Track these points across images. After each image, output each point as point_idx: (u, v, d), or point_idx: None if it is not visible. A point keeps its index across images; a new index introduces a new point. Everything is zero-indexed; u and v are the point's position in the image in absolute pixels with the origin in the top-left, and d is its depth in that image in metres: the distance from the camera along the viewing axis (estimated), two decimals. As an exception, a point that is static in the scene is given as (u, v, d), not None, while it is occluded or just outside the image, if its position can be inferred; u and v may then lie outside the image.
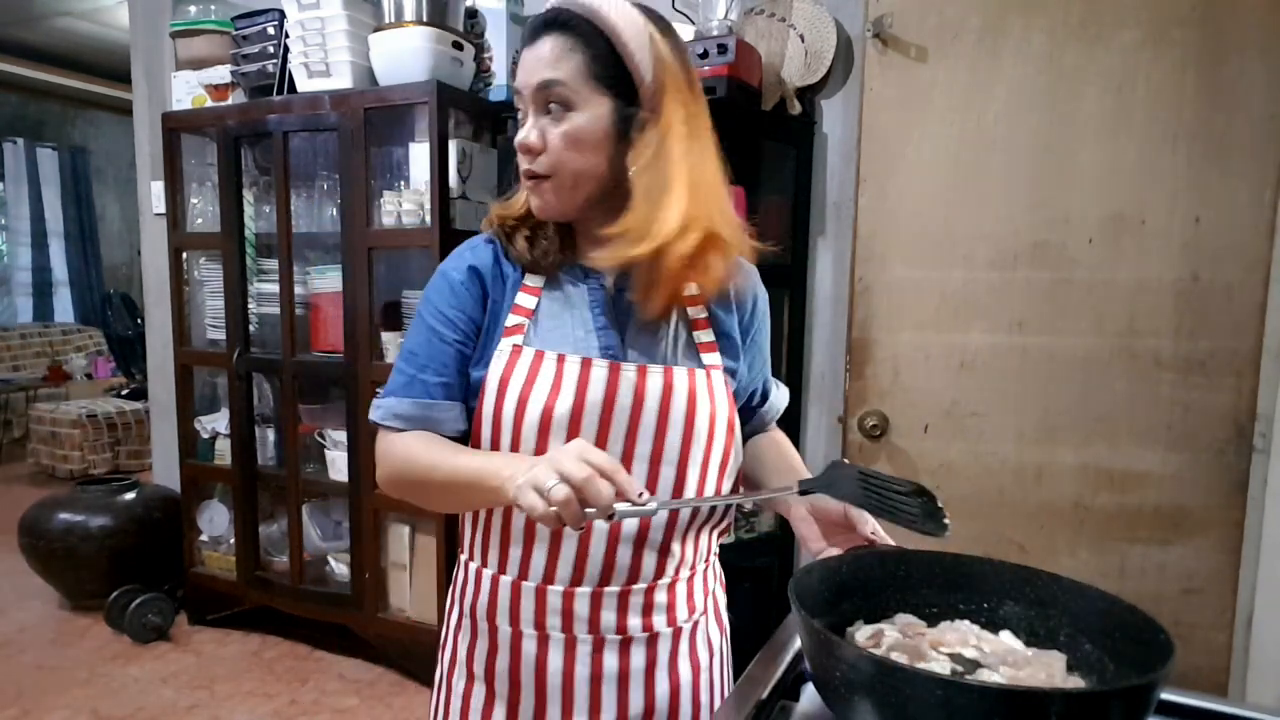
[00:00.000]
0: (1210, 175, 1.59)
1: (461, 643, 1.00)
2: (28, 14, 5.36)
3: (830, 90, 2.27)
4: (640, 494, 0.74)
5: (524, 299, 0.93)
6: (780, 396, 1.11)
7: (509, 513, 0.92)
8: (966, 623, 0.78)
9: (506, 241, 0.94)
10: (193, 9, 2.87)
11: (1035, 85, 1.67)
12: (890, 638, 0.74)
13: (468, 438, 0.94)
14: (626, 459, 0.90)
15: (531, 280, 0.94)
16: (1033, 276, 1.70)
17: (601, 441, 0.89)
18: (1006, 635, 0.77)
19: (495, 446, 0.91)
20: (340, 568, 2.74)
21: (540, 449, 0.88)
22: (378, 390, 2.81)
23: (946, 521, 0.78)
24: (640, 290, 0.89)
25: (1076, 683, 0.70)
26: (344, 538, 2.70)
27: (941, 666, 0.69)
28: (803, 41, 2.20)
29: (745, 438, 1.08)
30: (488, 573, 0.96)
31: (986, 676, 0.69)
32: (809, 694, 0.79)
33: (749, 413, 1.08)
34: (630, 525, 0.90)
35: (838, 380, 2.26)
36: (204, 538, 3.00)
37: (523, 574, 0.93)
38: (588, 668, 0.93)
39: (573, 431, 0.88)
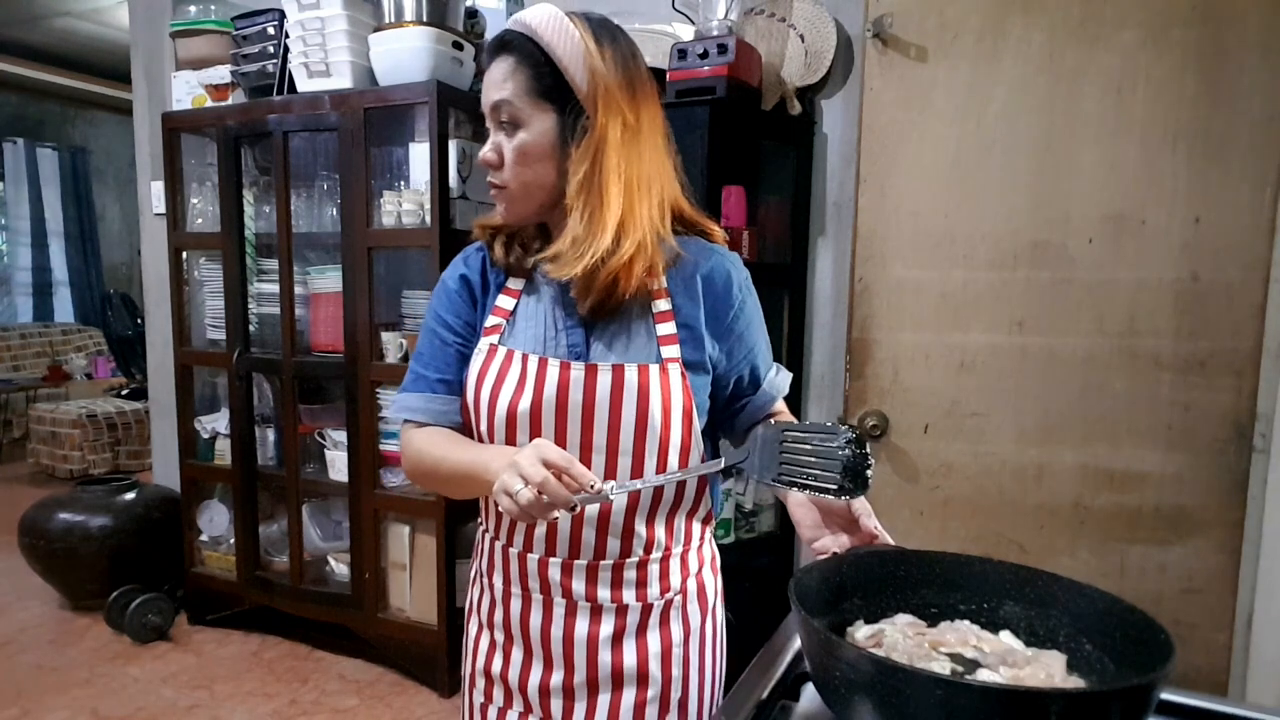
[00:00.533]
0: (1210, 175, 1.59)
1: (474, 595, 1.11)
2: (28, 14, 5.36)
3: (830, 90, 2.27)
4: (593, 484, 0.82)
5: (504, 301, 1.03)
6: (776, 382, 1.09)
7: None
8: (966, 623, 0.78)
9: (489, 248, 1.04)
10: (193, 9, 2.88)
11: (1035, 85, 1.67)
12: (890, 638, 0.74)
13: None
14: (585, 450, 0.97)
15: (512, 283, 1.03)
16: (1033, 276, 1.70)
17: (560, 434, 0.96)
18: (1006, 635, 0.77)
19: (479, 437, 1.01)
20: (340, 568, 2.74)
21: (509, 439, 0.98)
22: (377, 390, 2.79)
23: (870, 475, 0.78)
24: (577, 294, 0.96)
25: (1076, 683, 0.70)
26: (344, 538, 2.70)
27: (941, 666, 0.69)
28: (803, 41, 2.20)
29: (744, 426, 1.09)
30: (488, 536, 1.07)
31: (986, 676, 0.69)
32: (809, 694, 0.79)
33: (739, 400, 1.08)
34: (591, 510, 0.98)
35: (838, 380, 2.26)
36: (204, 538, 3.00)
37: (509, 541, 1.04)
38: (561, 629, 1.02)
39: (534, 426, 0.96)
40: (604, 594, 1.00)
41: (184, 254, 2.92)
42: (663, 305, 0.99)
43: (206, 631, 2.96)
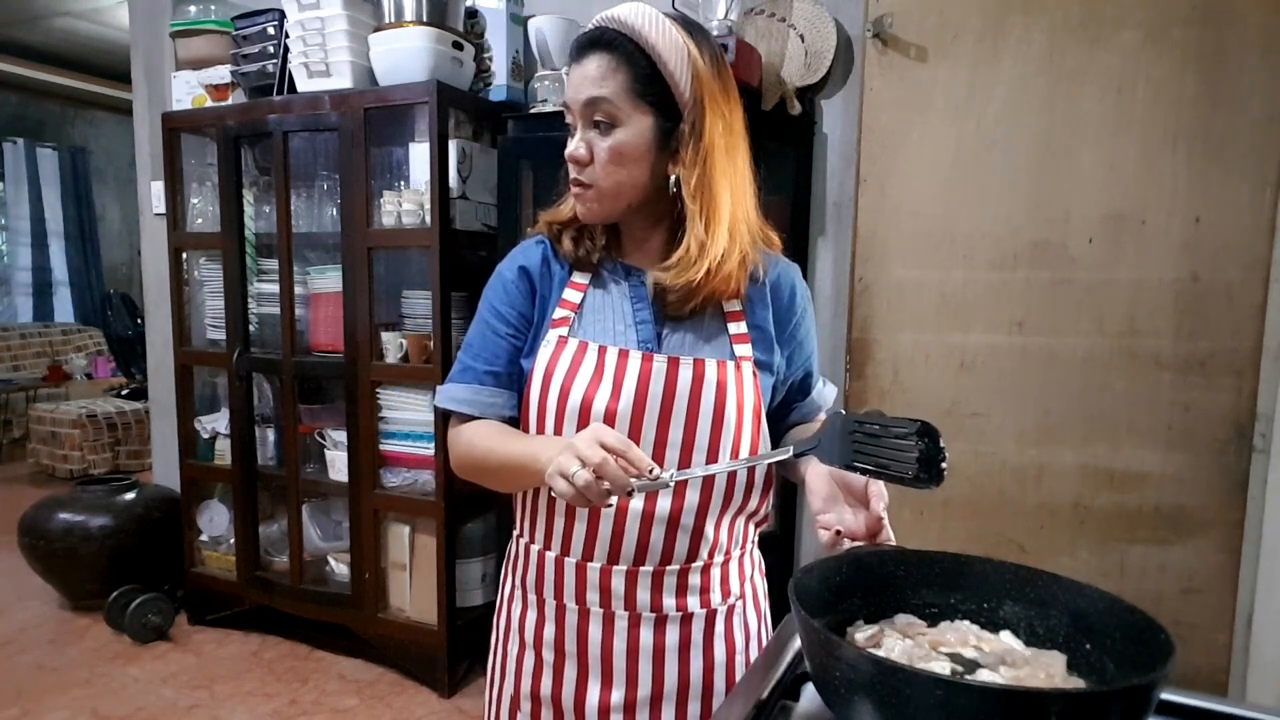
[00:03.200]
0: (1210, 175, 1.59)
1: (515, 611, 1.06)
2: (28, 14, 5.36)
3: (830, 90, 2.27)
4: (651, 470, 0.79)
5: (570, 294, 1.00)
6: (824, 393, 1.12)
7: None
8: (966, 623, 0.78)
9: (555, 242, 1.02)
10: (193, 9, 2.87)
11: (1035, 85, 1.67)
12: (890, 638, 0.74)
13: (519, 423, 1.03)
14: (660, 447, 0.94)
15: (578, 277, 1.01)
16: (1033, 276, 1.70)
17: (636, 429, 0.94)
18: (1006, 635, 0.77)
19: (540, 431, 0.97)
20: (340, 568, 2.74)
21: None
22: (377, 390, 2.77)
23: (944, 466, 0.76)
24: (680, 297, 0.96)
25: (1076, 683, 0.70)
26: (344, 538, 2.70)
27: (941, 666, 0.69)
28: (803, 41, 2.20)
29: (786, 431, 1.10)
30: (535, 548, 1.02)
31: (986, 676, 0.69)
32: (809, 694, 0.79)
33: (787, 408, 1.09)
34: (662, 508, 0.95)
35: (838, 380, 2.26)
36: (204, 538, 3.00)
37: (565, 550, 0.99)
38: (625, 642, 0.98)
39: (609, 418, 0.93)
40: (669, 601, 0.98)
41: (184, 254, 2.92)
42: (734, 305, 1.01)
43: (206, 631, 2.95)
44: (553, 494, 0.82)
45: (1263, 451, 1.61)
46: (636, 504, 0.94)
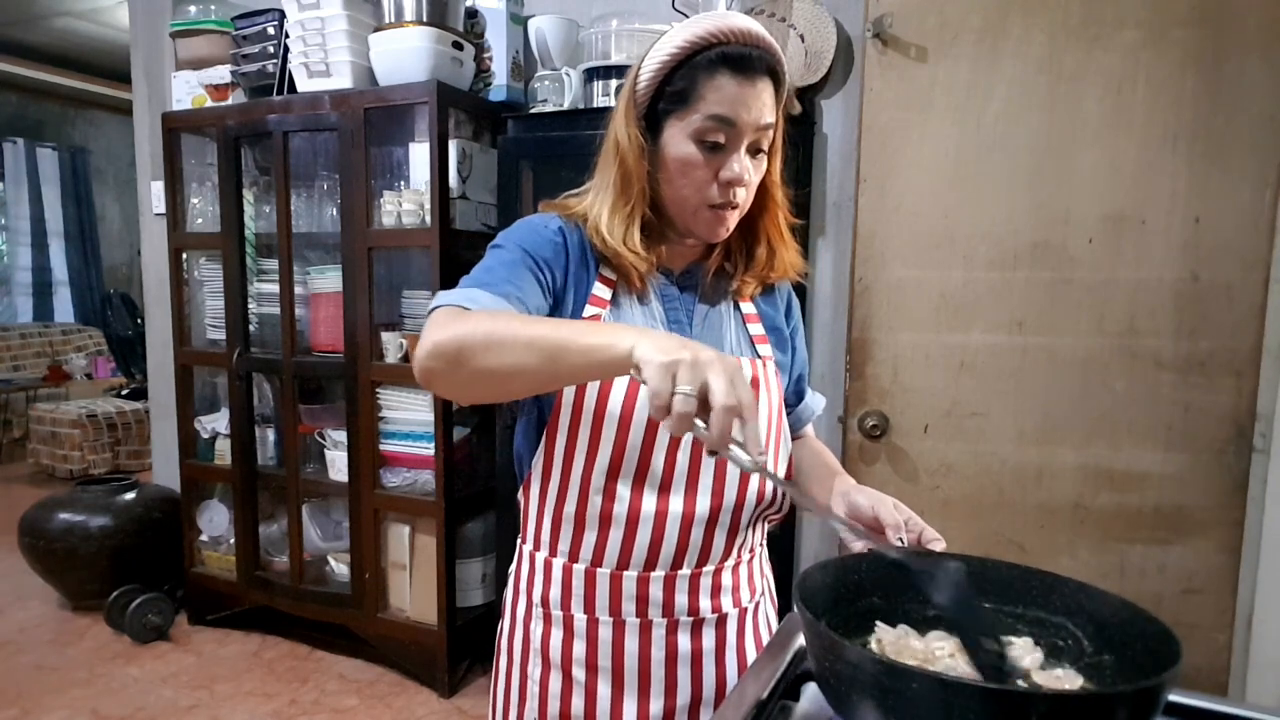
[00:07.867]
0: (1210, 175, 1.59)
1: (535, 631, 0.99)
2: (28, 14, 5.36)
3: (830, 90, 2.27)
4: (762, 452, 0.67)
5: (600, 289, 0.95)
6: (815, 402, 1.15)
7: (584, 499, 0.93)
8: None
9: (610, 239, 0.92)
10: (193, 9, 2.87)
11: (1035, 85, 1.67)
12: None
13: None
14: (698, 442, 0.91)
15: (607, 271, 0.95)
16: (1033, 276, 1.70)
17: None
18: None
19: (574, 434, 0.91)
20: (340, 568, 2.74)
21: (621, 438, 0.89)
22: (377, 390, 2.75)
23: None
24: (745, 290, 1.02)
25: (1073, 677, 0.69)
26: (344, 538, 2.70)
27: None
28: (803, 41, 2.20)
29: None
30: (558, 561, 0.96)
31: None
32: (809, 694, 0.79)
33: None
34: (703, 507, 0.92)
35: (838, 380, 2.26)
36: (204, 538, 3.00)
37: (596, 561, 0.94)
38: (663, 650, 0.95)
39: (653, 419, 0.86)
40: (705, 603, 0.96)
41: (184, 254, 2.92)
42: (749, 308, 1.03)
43: (206, 631, 2.95)
44: (634, 371, 0.67)
45: (1263, 451, 1.61)
46: (676, 507, 0.91)
